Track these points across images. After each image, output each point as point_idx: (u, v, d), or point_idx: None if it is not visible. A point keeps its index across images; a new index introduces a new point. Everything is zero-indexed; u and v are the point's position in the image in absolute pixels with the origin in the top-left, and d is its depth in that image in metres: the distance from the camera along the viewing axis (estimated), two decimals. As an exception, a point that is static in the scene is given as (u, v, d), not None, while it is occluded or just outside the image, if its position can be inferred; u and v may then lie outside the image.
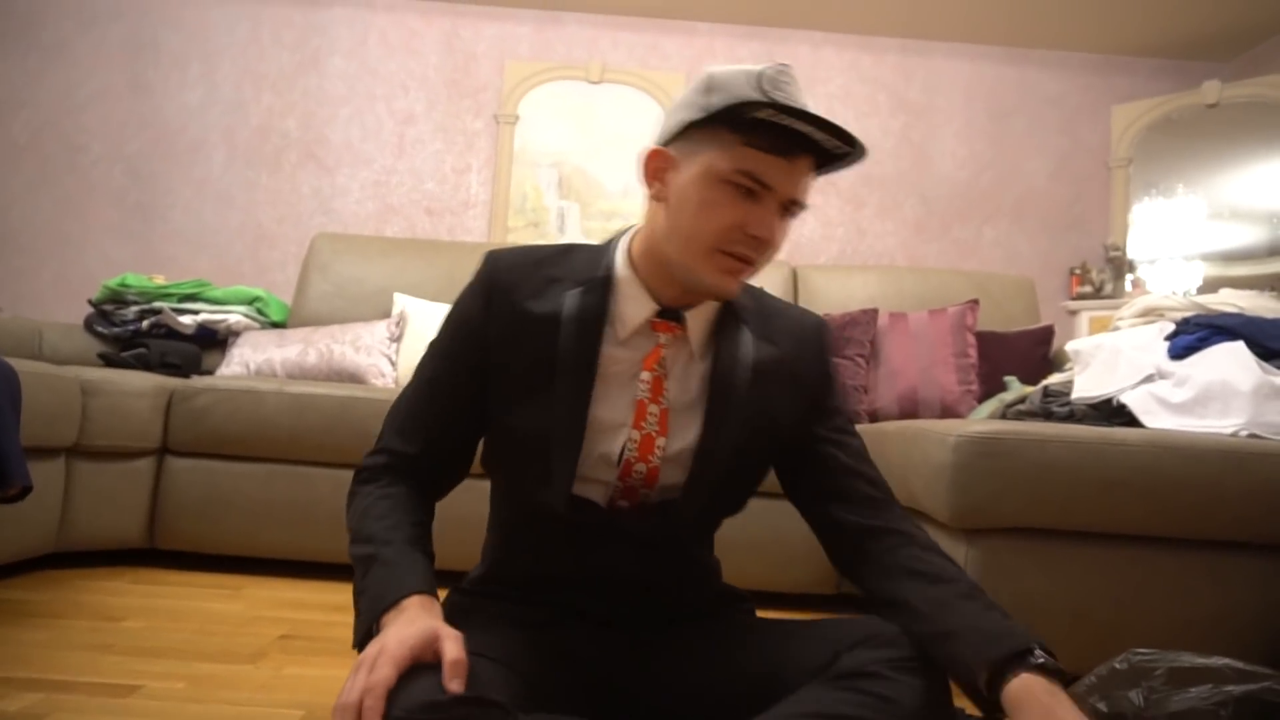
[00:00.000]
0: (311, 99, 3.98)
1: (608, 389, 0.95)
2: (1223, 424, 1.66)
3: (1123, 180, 4.08)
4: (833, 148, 0.89)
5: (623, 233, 1.03)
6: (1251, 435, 1.62)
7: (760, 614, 1.11)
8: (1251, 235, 3.91)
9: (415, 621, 0.80)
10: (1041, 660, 0.80)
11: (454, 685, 0.75)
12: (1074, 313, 3.95)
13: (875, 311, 2.54)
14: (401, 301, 2.70)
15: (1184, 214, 4.03)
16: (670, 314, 0.97)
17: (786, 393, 1.00)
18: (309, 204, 3.93)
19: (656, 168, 0.94)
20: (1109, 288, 3.97)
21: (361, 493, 0.98)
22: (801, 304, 2.82)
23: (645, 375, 0.96)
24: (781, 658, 0.93)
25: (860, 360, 2.45)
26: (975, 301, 2.57)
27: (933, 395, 2.42)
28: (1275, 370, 1.69)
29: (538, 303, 0.95)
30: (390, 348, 2.56)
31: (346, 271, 2.86)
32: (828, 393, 1.04)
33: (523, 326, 0.95)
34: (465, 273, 3.24)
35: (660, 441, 0.95)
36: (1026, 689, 0.78)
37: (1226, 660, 1.08)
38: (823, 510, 1.02)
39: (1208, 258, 3.93)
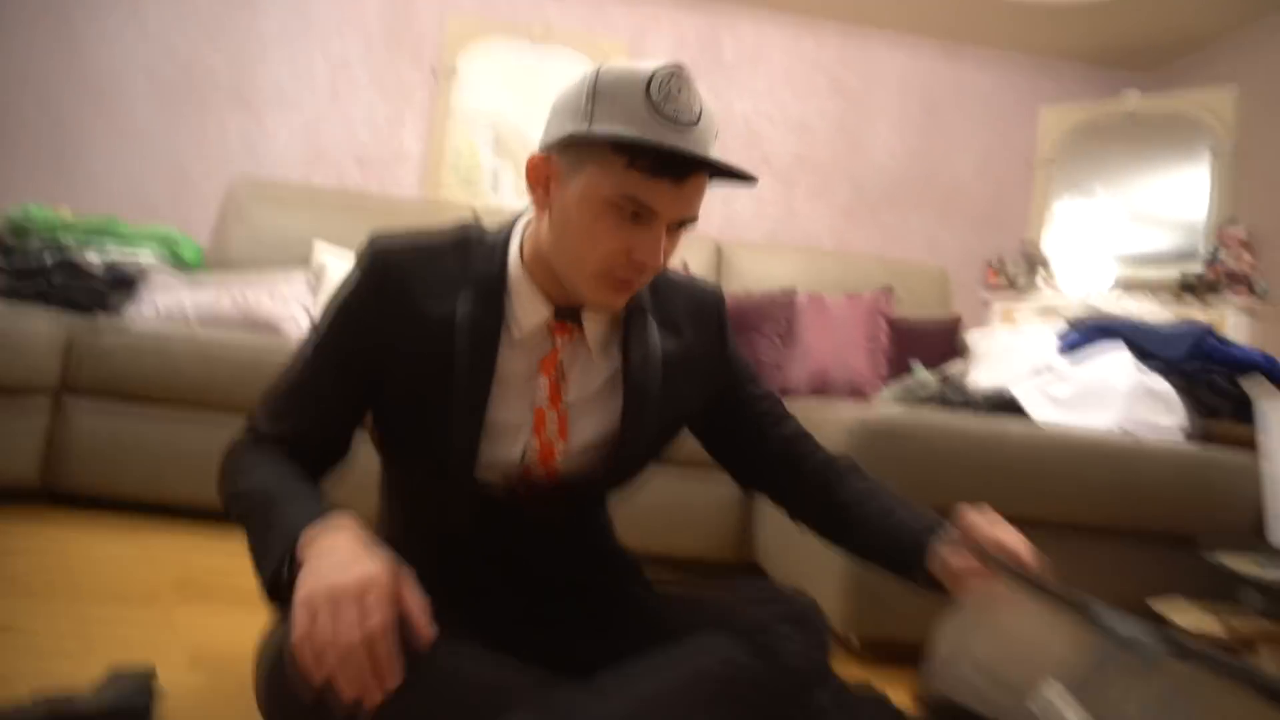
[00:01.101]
0: (241, 38, 3.83)
1: (505, 392, 0.94)
2: (1100, 419, 1.77)
3: (1044, 180, 4.23)
4: (725, 164, 0.85)
5: (515, 221, 0.99)
6: (1124, 431, 1.73)
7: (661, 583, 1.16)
8: (1163, 240, 4.10)
9: (361, 556, 0.76)
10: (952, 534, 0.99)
11: (429, 632, 0.77)
12: (987, 303, 4.10)
13: (794, 292, 2.61)
14: (322, 252, 2.65)
15: (1101, 215, 4.21)
16: (567, 313, 0.95)
17: (696, 382, 1.03)
18: (234, 147, 3.80)
19: (540, 175, 0.89)
20: (1022, 282, 4.13)
21: (234, 463, 0.96)
22: (725, 281, 2.88)
23: (542, 381, 0.95)
24: (683, 618, 0.97)
25: (776, 338, 2.51)
26: (890, 289, 2.66)
27: (843, 376, 2.50)
28: (1151, 372, 1.80)
29: (432, 302, 0.92)
30: (308, 298, 2.52)
31: (267, 219, 2.80)
32: (735, 369, 1.08)
33: (416, 326, 0.92)
34: (385, 228, 3.18)
35: (560, 445, 0.97)
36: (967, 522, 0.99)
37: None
38: (757, 474, 1.11)
39: (1121, 259, 4.12)
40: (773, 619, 0.96)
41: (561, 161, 0.87)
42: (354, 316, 0.93)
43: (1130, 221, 4.16)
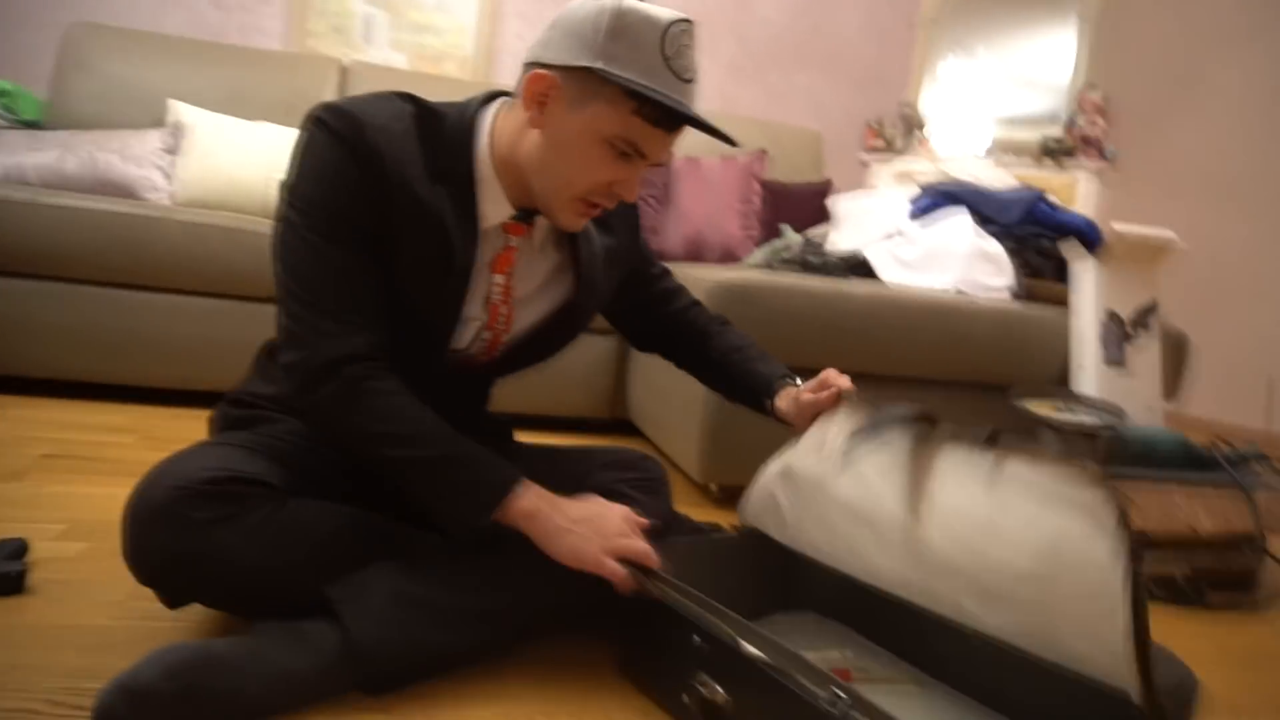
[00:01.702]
0: None
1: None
2: (940, 280, 1.92)
3: (924, 41, 4.28)
4: (714, 126, 0.91)
5: (477, 111, 0.97)
6: (960, 291, 1.89)
7: (532, 437, 1.27)
8: (1033, 103, 4.26)
9: (589, 501, 0.96)
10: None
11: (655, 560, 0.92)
12: (866, 165, 4.22)
13: (670, 154, 2.63)
14: (179, 110, 2.50)
15: (980, 76, 4.31)
16: (524, 215, 0.99)
17: (619, 271, 1.15)
18: (67, -18, 3.43)
19: (539, 93, 0.89)
20: (900, 144, 4.25)
21: (367, 390, 0.90)
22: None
23: (499, 279, 1.00)
24: (542, 480, 1.07)
25: (652, 202, 2.56)
26: (764, 151, 2.71)
27: (717, 239, 2.59)
28: (987, 236, 1.95)
29: (411, 188, 0.91)
30: (165, 159, 2.39)
31: (114, 71, 2.59)
32: (645, 259, 1.22)
33: (403, 209, 0.91)
34: (251, 83, 3.00)
35: (506, 337, 1.05)
36: (785, 396, 1.18)
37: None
38: (654, 341, 1.30)
39: (997, 120, 4.27)
40: (620, 482, 1.10)
41: (567, 87, 0.88)
42: (348, 191, 0.89)
43: (1006, 83, 4.29)
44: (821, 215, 2.76)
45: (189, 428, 1.89)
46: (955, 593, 0.84)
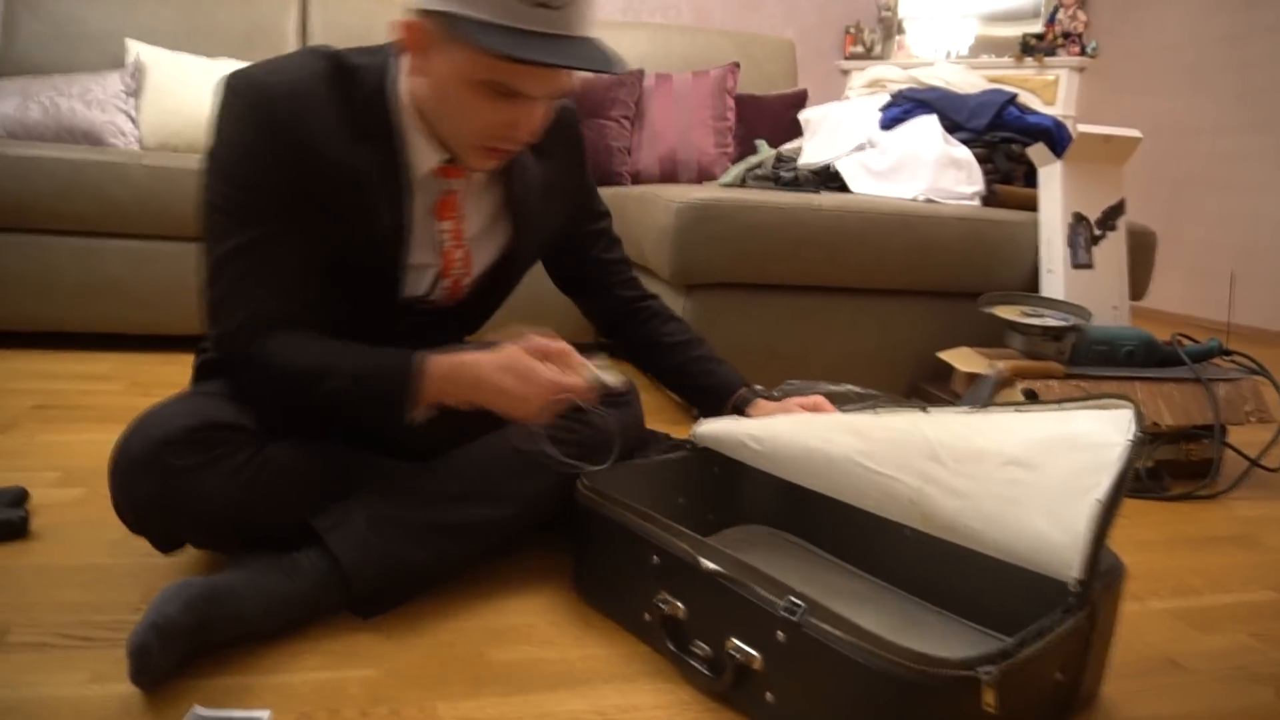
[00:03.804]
0: None
1: (411, 236, 0.98)
2: (909, 189, 1.93)
3: (901, -64, 4.16)
4: (590, 66, 0.83)
5: (386, 60, 0.94)
6: (929, 200, 1.90)
7: None
8: (1013, -2, 4.18)
9: (500, 351, 0.93)
10: (760, 390, 1.20)
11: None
12: (845, 72, 4.15)
13: (641, 73, 2.60)
14: (136, 49, 2.44)
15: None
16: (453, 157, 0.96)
17: (562, 202, 1.13)
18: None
19: (415, 41, 0.86)
20: (879, 48, 4.17)
21: (273, 349, 0.91)
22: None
23: (445, 225, 1.00)
24: None
25: (624, 122, 2.53)
26: (736, 65, 2.67)
27: (691, 157, 2.57)
28: (956, 143, 1.95)
29: (331, 148, 0.90)
30: (128, 103, 2.36)
31: (62, 9, 2.52)
32: (587, 189, 1.19)
33: (329, 174, 0.90)
34: (207, 17, 2.93)
35: (466, 280, 1.05)
36: (760, 407, 1.17)
37: (850, 385, 1.39)
38: (588, 296, 1.25)
39: (979, 17, 4.18)
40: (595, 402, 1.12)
41: (434, 30, 0.83)
42: (260, 161, 0.88)
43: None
44: (795, 127, 2.74)
45: (174, 372, 1.92)
46: (921, 478, 0.87)
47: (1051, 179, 1.77)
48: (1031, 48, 3.77)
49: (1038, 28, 3.86)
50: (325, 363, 0.91)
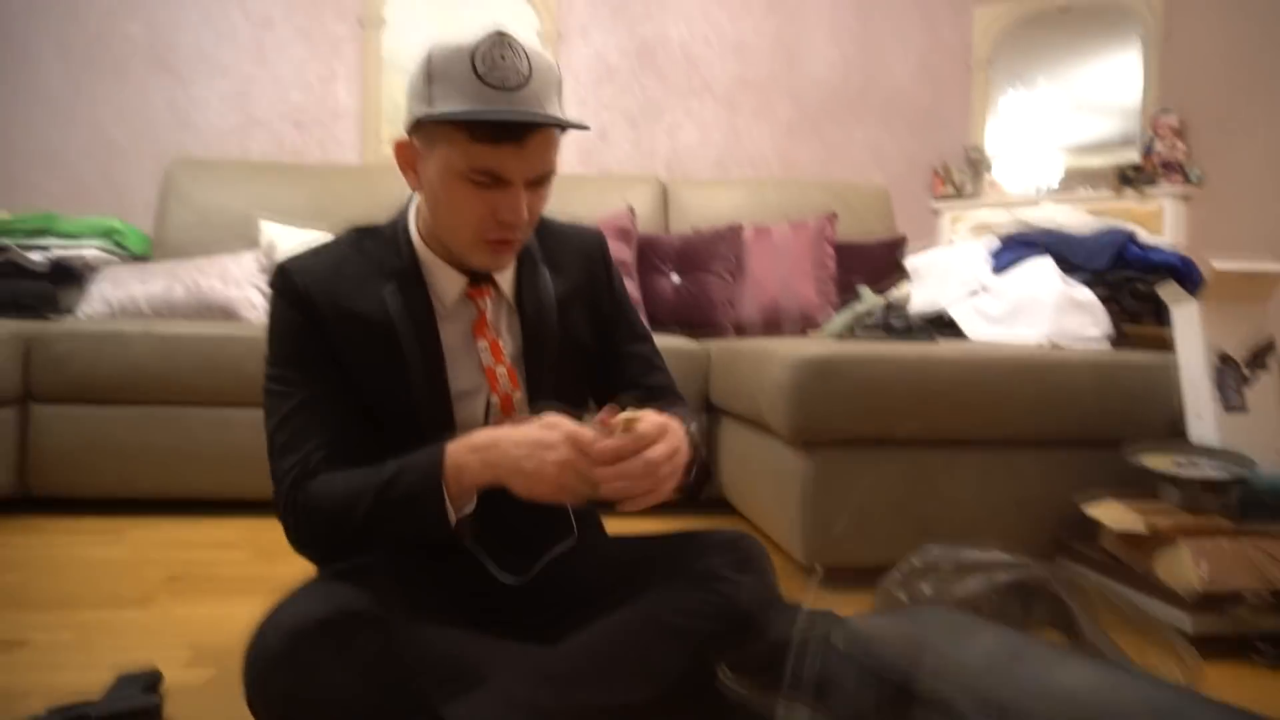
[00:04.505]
0: (155, 0, 3.69)
1: (453, 363, 1.02)
2: (1030, 333, 1.86)
3: (982, 81, 4.25)
4: (551, 119, 0.90)
5: (406, 207, 1.04)
6: (1053, 344, 1.83)
7: (622, 520, 1.24)
8: (1103, 128, 4.17)
9: (506, 431, 0.90)
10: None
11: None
12: (937, 213, 4.17)
13: (740, 227, 2.65)
14: (269, 230, 2.64)
15: (1045, 106, 4.24)
16: (479, 278, 1.03)
17: (585, 316, 1.13)
18: (163, 118, 3.70)
19: (406, 159, 0.96)
20: (969, 187, 4.19)
21: (304, 505, 0.95)
22: (672, 220, 2.92)
23: (482, 344, 1.03)
24: (639, 570, 1.07)
25: (726, 274, 2.57)
26: (834, 214, 2.71)
27: (793, 306, 2.58)
28: (1076, 283, 1.89)
29: (358, 301, 0.98)
30: (260, 279, 2.53)
31: (208, 199, 2.77)
32: (618, 309, 1.17)
33: (354, 326, 0.98)
34: (333, 198, 3.16)
35: (517, 396, 1.05)
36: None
37: (996, 551, 1.29)
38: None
39: (1066, 149, 4.18)
40: (722, 565, 1.06)
41: (419, 143, 0.93)
42: (293, 335, 0.99)
43: (1071, 111, 4.21)
44: (897, 272, 2.73)
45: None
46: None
47: (1188, 319, 1.68)
48: (1130, 178, 3.72)
49: (1131, 157, 3.83)
50: (356, 485, 0.93)
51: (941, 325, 2.02)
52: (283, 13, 3.77)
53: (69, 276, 2.55)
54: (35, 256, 2.50)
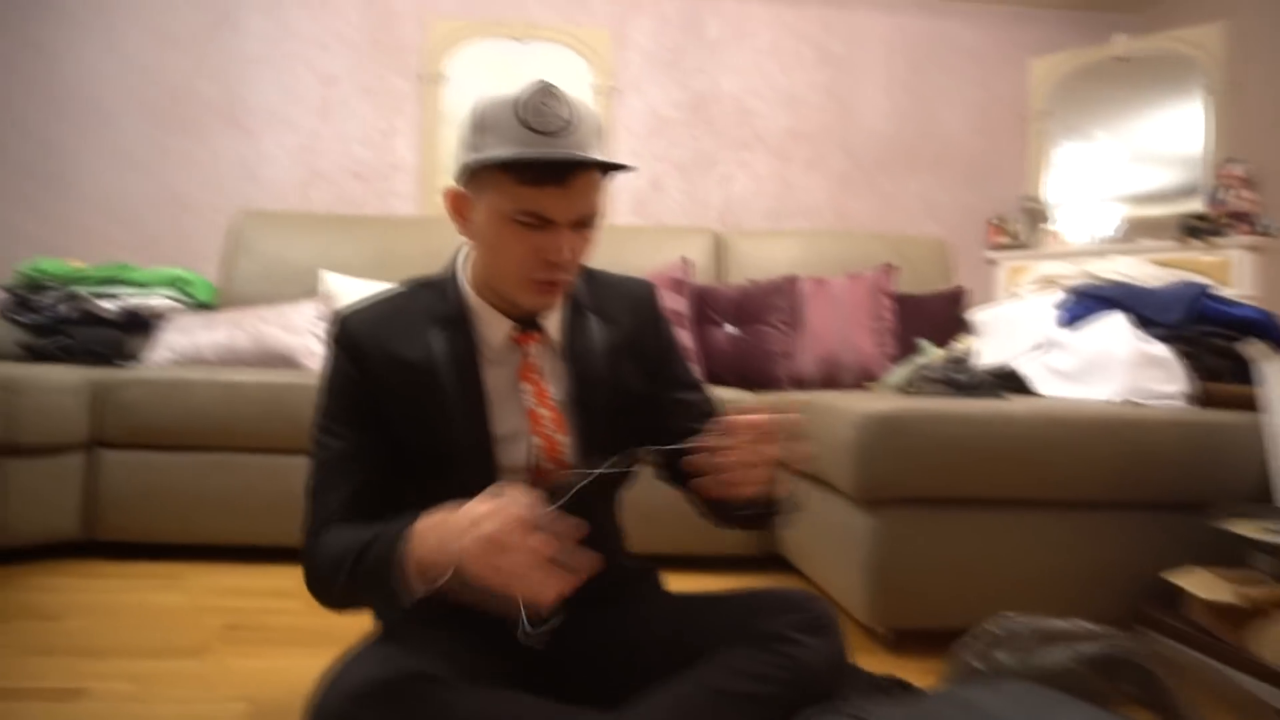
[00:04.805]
0: (227, 59, 3.84)
1: (498, 407, 1.04)
2: (1103, 390, 1.80)
3: (1039, 132, 4.20)
4: (592, 159, 0.93)
5: (456, 256, 1.08)
6: (1128, 401, 1.76)
7: (681, 578, 1.21)
8: (1164, 178, 4.09)
9: (466, 512, 0.85)
10: None
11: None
12: (993, 263, 4.10)
13: (796, 278, 2.63)
14: (329, 280, 2.69)
15: (1102, 157, 4.18)
16: (527, 323, 1.05)
17: (635, 365, 1.12)
18: (230, 170, 3.83)
19: (456, 206, 1.00)
20: (1026, 238, 4.12)
21: (312, 558, 0.99)
22: (727, 271, 2.91)
23: (526, 387, 1.04)
24: (702, 629, 1.03)
25: (783, 326, 2.54)
26: (891, 265, 2.67)
27: (851, 359, 2.54)
28: (1150, 339, 1.83)
29: (406, 348, 1.01)
30: (319, 327, 2.57)
31: (272, 250, 2.84)
32: (668, 357, 1.17)
33: (400, 373, 1.01)
34: (393, 250, 3.21)
35: (562, 440, 1.05)
36: None
37: (1079, 621, 1.22)
38: (675, 465, 1.13)
39: (1126, 200, 4.10)
40: (790, 627, 1.02)
41: (468, 191, 0.98)
42: (342, 386, 1.03)
43: (1130, 162, 4.14)
44: (956, 325, 2.67)
45: (351, 588, 1.95)
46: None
47: (1275, 375, 1.61)
48: (1197, 229, 3.62)
49: (1194, 206, 3.74)
50: (347, 545, 0.93)
51: (1008, 381, 1.96)
52: (348, 70, 3.90)
53: (139, 324, 2.62)
54: (107, 305, 2.58)
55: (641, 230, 3.16)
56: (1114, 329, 1.85)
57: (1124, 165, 4.14)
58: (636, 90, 4.02)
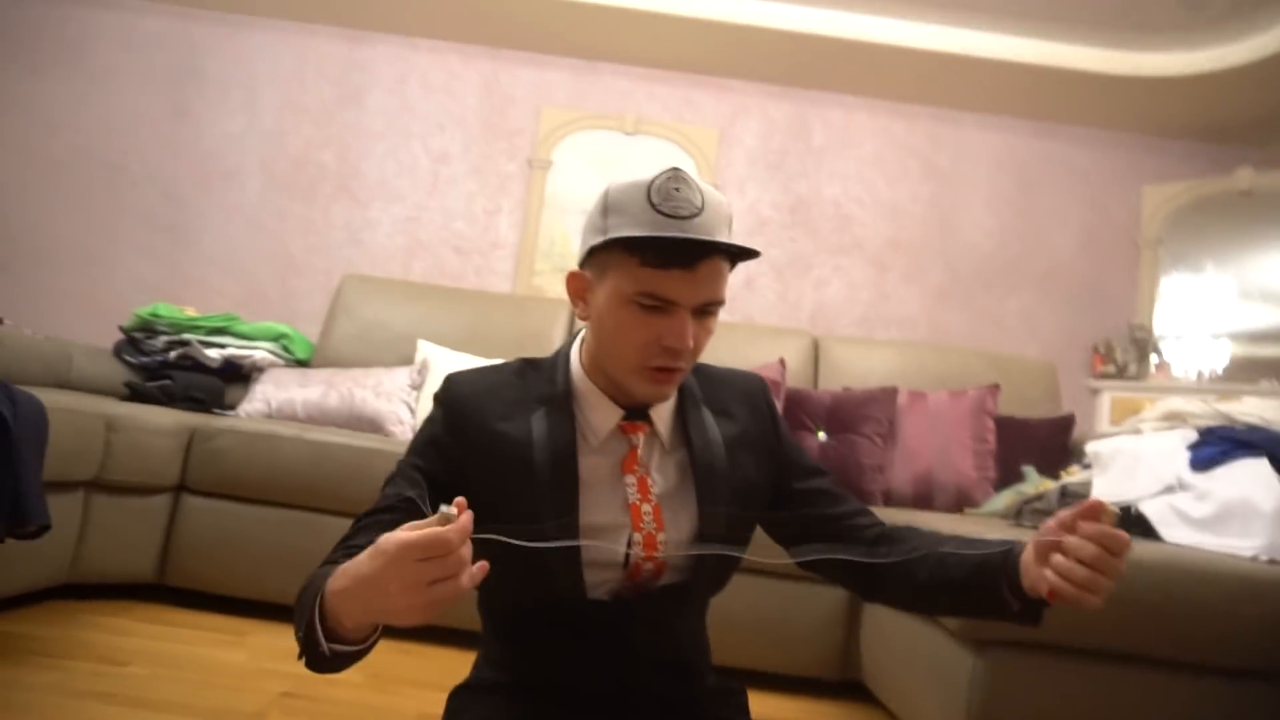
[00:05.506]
0: (349, 133, 4.05)
1: (595, 497, 0.98)
2: (1242, 544, 1.64)
3: (1151, 260, 4.07)
4: (721, 244, 0.91)
5: (572, 340, 1.06)
6: (1271, 560, 1.60)
7: (755, 698, 1.12)
8: (1275, 317, 3.89)
9: (356, 565, 0.75)
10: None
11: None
12: (1096, 392, 3.92)
13: (895, 390, 2.54)
14: (424, 349, 2.72)
15: (1213, 292, 4.02)
16: (635, 413, 1.01)
17: (754, 459, 1.07)
18: (339, 235, 3.98)
19: (576, 289, 0.99)
20: (1133, 368, 3.94)
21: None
22: (822, 376, 2.83)
23: (629, 479, 0.99)
24: None
25: (878, 439, 2.44)
26: (996, 386, 2.56)
27: (948, 479, 2.41)
28: (1298, 492, 1.67)
29: (506, 424, 0.99)
30: (410, 395, 2.58)
31: (372, 314, 2.90)
32: (787, 448, 1.12)
33: (497, 445, 0.98)
34: (488, 323, 3.22)
35: (661, 536, 0.98)
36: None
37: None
38: (829, 564, 1.07)
39: (1235, 337, 3.91)
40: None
41: (590, 273, 0.97)
42: (432, 440, 1.00)
43: (1242, 298, 3.97)
44: (1062, 454, 2.53)
45: (409, 665, 1.89)
46: None
47: None
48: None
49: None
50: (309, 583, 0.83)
51: (1130, 522, 1.81)
52: (460, 150, 4.06)
53: (238, 375, 2.68)
54: (212, 353, 2.65)
55: (736, 327, 3.12)
56: (1256, 476, 1.69)
57: (1232, 300, 3.97)
58: (738, 189, 4.06)
